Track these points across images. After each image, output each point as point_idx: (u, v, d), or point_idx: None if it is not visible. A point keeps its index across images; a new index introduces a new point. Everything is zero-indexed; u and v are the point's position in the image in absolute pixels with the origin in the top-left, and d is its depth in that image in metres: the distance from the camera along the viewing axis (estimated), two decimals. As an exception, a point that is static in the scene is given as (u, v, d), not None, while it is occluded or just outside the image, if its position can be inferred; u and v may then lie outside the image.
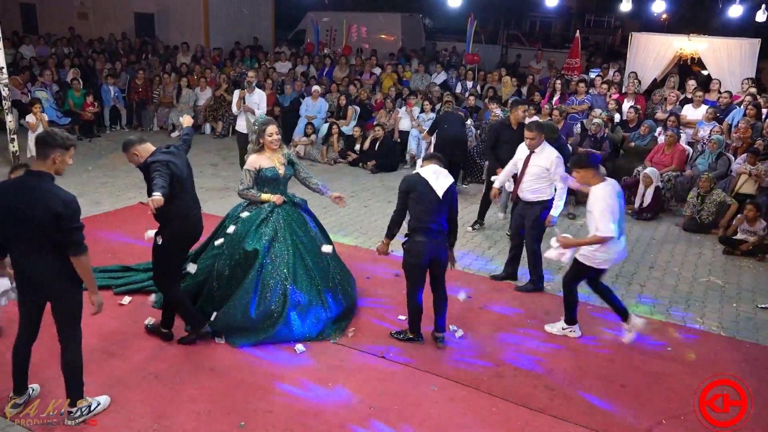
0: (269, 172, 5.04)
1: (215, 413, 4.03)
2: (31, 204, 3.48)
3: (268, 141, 5.03)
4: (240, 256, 4.96)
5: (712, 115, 9.38)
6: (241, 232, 5.01)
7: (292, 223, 5.12)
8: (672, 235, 7.95)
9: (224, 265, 5.02)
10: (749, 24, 14.56)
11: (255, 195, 5.05)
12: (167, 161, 4.33)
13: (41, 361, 4.48)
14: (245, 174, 5.06)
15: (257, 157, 5.06)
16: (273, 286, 4.88)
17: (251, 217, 5.06)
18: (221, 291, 5.00)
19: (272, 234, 4.99)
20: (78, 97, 11.70)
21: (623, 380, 4.63)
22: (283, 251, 4.97)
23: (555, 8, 18.49)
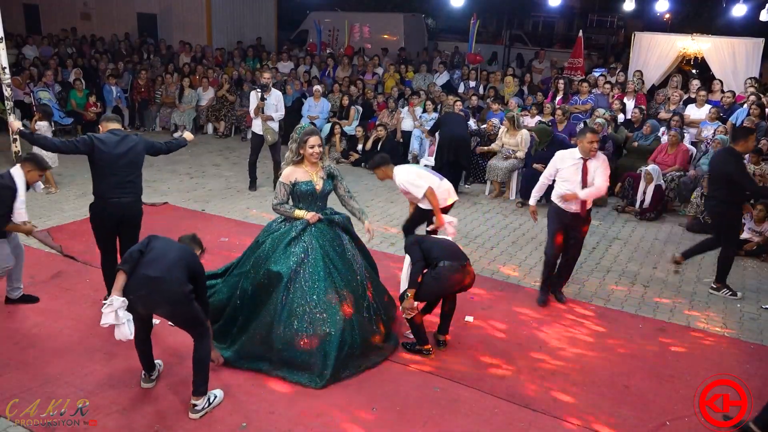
0: (305, 186, 4.66)
1: (217, 414, 4.02)
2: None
3: (309, 153, 4.63)
4: (264, 277, 4.58)
5: (716, 114, 9.35)
6: (269, 250, 4.66)
7: (325, 244, 4.66)
8: (675, 235, 7.92)
9: (248, 284, 4.67)
10: (753, 24, 14.49)
11: (288, 210, 4.69)
12: (95, 136, 4.96)
13: (42, 361, 4.48)
14: (279, 187, 4.68)
15: (293, 170, 4.68)
16: (300, 314, 4.43)
17: (281, 235, 4.69)
18: (245, 312, 4.64)
19: (301, 255, 4.55)
20: (80, 97, 11.72)
21: (627, 381, 4.60)
22: (313, 276, 4.52)
23: (558, 8, 18.41)
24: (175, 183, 9.18)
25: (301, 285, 4.49)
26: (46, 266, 6.04)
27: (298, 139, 4.66)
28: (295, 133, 4.71)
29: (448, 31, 24.99)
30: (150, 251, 3.96)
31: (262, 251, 4.70)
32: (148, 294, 3.84)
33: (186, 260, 3.99)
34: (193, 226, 7.28)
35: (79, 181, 8.95)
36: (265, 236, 4.81)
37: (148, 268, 3.86)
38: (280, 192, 4.69)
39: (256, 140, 8.79)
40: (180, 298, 3.87)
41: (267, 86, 8.63)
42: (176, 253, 4.00)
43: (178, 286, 3.85)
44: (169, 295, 3.86)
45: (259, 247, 4.77)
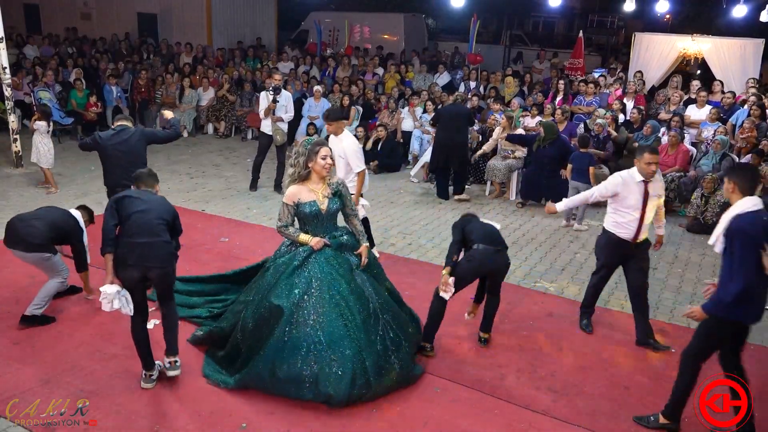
0: (308, 208, 4.28)
1: (217, 414, 4.02)
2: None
3: (321, 165, 4.24)
4: (265, 310, 4.25)
5: (716, 115, 9.34)
6: (271, 280, 4.33)
7: (332, 272, 4.26)
8: (675, 235, 7.92)
9: (250, 315, 4.35)
10: (753, 24, 14.50)
11: (293, 234, 4.32)
12: (98, 133, 5.68)
13: (42, 361, 4.48)
14: (283, 209, 4.31)
15: (298, 188, 4.29)
16: (305, 350, 4.06)
17: (284, 263, 4.34)
18: (246, 344, 4.33)
19: (305, 287, 4.20)
20: (81, 97, 11.71)
21: (627, 382, 4.60)
22: (318, 309, 4.15)
23: (558, 8, 18.42)
24: (175, 183, 9.18)
25: (305, 320, 4.13)
26: (47, 266, 6.04)
27: (306, 150, 4.27)
28: (302, 146, 4.31)
29: (449, 31, 25.00)
30: (128, 218, 4.16)
31: (264, 280, 4.41)
32: (140, 259, 4.08)
33: (162, 214, 4.24)
34: (193, 226, 7.30)
35: (79, 181, 8.95)
36: (271, 262, 4.53)
37: (134, 236, 4.10)
38: (283, 213, 4.31)
39: (265, 141, 8.75)
40: (169, 258, 4.20)
41: (279, 88, 8.61)
42: (154, 211, 4.21)
43: (166, 246, 4.17)
44: (160, 258, 4.13)
45: (265, 273, 4.50)
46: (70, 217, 5.16)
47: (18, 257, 4.97)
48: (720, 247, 3.77)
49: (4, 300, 5.33)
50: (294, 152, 4.35)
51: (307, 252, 4.29)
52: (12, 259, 6.15)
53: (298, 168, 4.30)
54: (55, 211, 5.22)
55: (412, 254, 6.90)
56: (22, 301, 5.30)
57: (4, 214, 7.45)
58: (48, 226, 4.94)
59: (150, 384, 4.26)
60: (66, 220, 5.11)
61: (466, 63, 13.86)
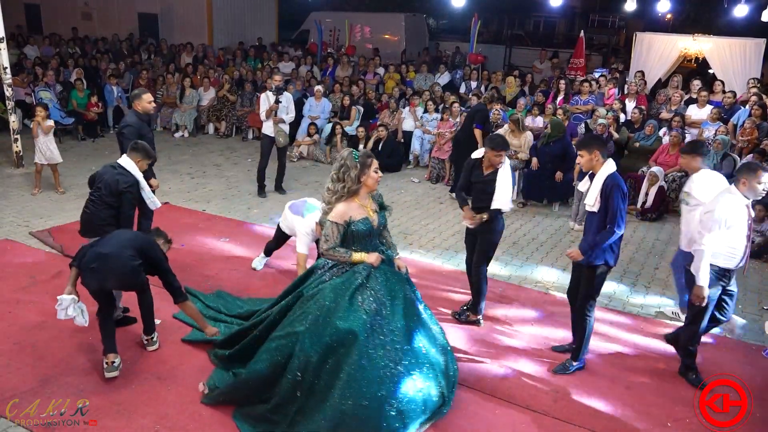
0: (362, 226, 3.96)
1: (218, 414, 4.01)
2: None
3: (374, 179, 3.98)
4: (332, 337, 3.76)
5: (717, 115, 9.33)
6: (331, 304, 3.87)
7: (395, 286, 4.02)
8: (676, 236, 7.85)
9: (310, 347, 3.78)
10: (754, 24, 14.48)
11: (344, 255, 3.94)
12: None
13: (42, 361, 4.48)
14: (331, 229, 3.93)
15: (347, 205, 3.96)
16: (388, 377, 3.71)
17: (343, 284, 3.93)
18: (306, 385, 3.78)
19: (374, 306, 3.87)
20: (82, 97, 11.71)
21: (628, 382, 4.59)
22: (392, 330, 3.85)
23: (559, 8, 18.39)
24: (176, 183, 9.17)
25: (382, 342, 3.78)
26: (47, 266, 6.03)
27: (357, 163, 3.92)
28: (350, 159, 3.94)
29: (449, 31, 25.00)
30: (104, 238, 4.45)
31: (317, 306, 3.90)
32: (98, 268, 4.19)
33: (139, 243, 4.39)
34: (193, 226, 7.31)
35: (80, 181, 8.93)
36: (315, 288, 4.05)
37: (100, 246, 4.31)
38: (332, 234, 3.93)
39: (267, 143, 8.56)
40: (128, 271, 4.26)
41: (282, 89, 8.54)
42: (130, 235, 4.48)
43: (127, 260, 4.24)
44: (117, 269, 4.23)
45: (312, 301, 3.98)
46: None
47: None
48: (597, 206, 4.30)
49: (4, 300, 5.32)
50: (339, 165, 3.97)
51: (367, 270, 3.97)
52: (12, 259, 6.18)
53: (349, 183, 3.93)
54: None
55: (413, 255, 6.89)
56: (22, 302, 5.31)
57: (5, 214, 7.47)
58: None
59: (114, 372, 4.27)
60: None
61: (467, 63, 13.85)
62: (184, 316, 4.97)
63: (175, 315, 5.13)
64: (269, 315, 4.28)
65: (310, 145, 11.06)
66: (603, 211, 4.28)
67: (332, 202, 4.00)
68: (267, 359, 3.95)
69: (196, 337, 4.84)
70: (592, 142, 4.45)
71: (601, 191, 4.28)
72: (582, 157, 4.41)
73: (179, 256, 6.21)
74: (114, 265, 4.22)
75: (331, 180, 4.02)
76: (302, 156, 10.98)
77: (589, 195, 4.38)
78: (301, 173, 10.07)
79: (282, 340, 3.95)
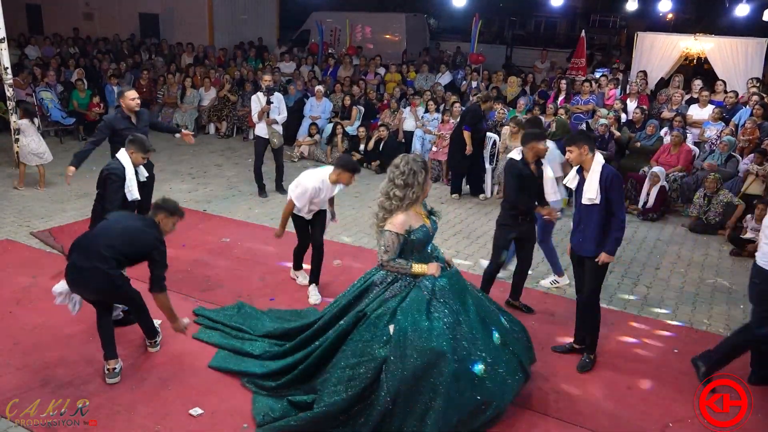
0: (421, 233, 3.84)
1: (218, 415, 4.00)
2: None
3: (430, 184, 3.95)
4: (421, 361, 3.59)
5: (718, 115, 9.31)
6: (409, 326, 3.67)
7: (461, 290, 3.92)
8: (678, 236, 7.89)
9: (400, 376, 3.59)
10: (756, 24, 14.47)
11: (405, 267, 3.82)
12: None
13: (42, 361, 4.48)
14: (391, 239, 3.76)
15: (407, 215, 3.80)
16: (477, 379, 3.71)
17: (415, 302, 3.76)
18: (401, 414, 3.62)
19: (452, 319, 3.75)
20: (83, 97, 11.71)
21: (629, 382, 4.58)
22: (474, 336, 3.79)
23: (560, 8, 18.38)
24: (177, 183, 9.17)
25: (468, 352, 3.73)
26: (47, 266, 6.03)
27: (416, 170, 3.77)
28: (414, 164, 3.78)
29: (450, 31, 24.97)
30: (89, 235, 4.28)
31: (400, 330, 3.67)
32: (74, 280, 4.14)
33: (128, 240, 4.15)
34: (194, 226, 7.30)
35: (80, 181, 8.92)
36: (380, 308, 3.84)
37: (74, 254, 4.13)
38: (392, 245, 3.77)
39: (261, 145, 8.52)
40: (106, 287, 4.11)
41: (273, 89, 8.48)
42: (118, 231, 4.18)
43: (102, 276, 4.04)
44: (92, 284, 4.10)
45: (383, 323, 3.77)
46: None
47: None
48: (599, 198, 4.36)
49: (4, 300, 5.32)
50: (404, 171, 3.78)
51: (431, 282, 3.84)
52: (13, 259, 6.18)
53: (417, 189, 3.78)
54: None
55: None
56: (22, 302, 5.31)
57: (5, 215, 7.47)
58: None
59: (114, 379, 4.24)
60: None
61: (468, 63, 13.84)
62: (203, 335, 4.87)
63: (195, 310, 5.18)
64: (324, 339, 4.04)
65: (311, 145, 11.06)
66: (604, 203, 4.37)
67: (395, 211, 3.80)
68: (344, 390, 3.69)
69: (223, 365, 4.47)
70: (578, 137, 4.53)
71: (600, 183, 4.36)
72: (571, 152, 4.48)
73: (179, 256, 6.21)
74: (89, 280, 4.07)
75: (394, 187, 3.78)
76: (303, 156, 10.98)
77: (589, 189, 4.42)
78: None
79: (359, 368, 3.71)
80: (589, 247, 4.50)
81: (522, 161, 5.14)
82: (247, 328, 4.84)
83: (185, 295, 5.57)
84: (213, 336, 4.84)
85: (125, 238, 4.17)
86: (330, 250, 6.21)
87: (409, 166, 3.78)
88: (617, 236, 4.43)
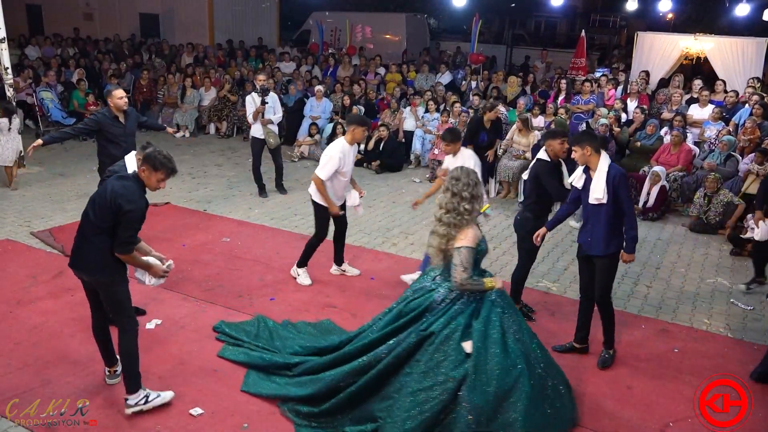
0: (485, 244, 3.84)
1: (219, 415, 4.00)
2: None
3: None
4: (501, 381, 3.54)
5: (719, 114, 9.31)
6: (489, 343, 3.62)
7: (509, 308, 3.87)
8: (678, 235, 7.89)
9: (482, 400, 3.50)
10: (756, 23, 14.48)
11: (479, 283, 3.74)
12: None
13: (42, 361, 4.48)
14: (468, 255, 3.66)
15: (474, 228, 3.76)
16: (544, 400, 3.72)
17: (490, 317, 3.71)
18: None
19: (513, 334, 3.73)
20: (83, 97, 11.72)
21: (630, 382, 4.58)
22: (535, 350, 3.82)
23: (560, 8, 18.39)
24: (177, 183, 9.16)
25: (536, 364, 3.74)
26: (48, 266, 6.03)
27: (477, 182, 3.79)
28: (474, 176, 3.78)
29: (450, 31, 24.99)
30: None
31: (477, 350, 3.59)
32: (72, 261, 3.86)
33: (96, 210, 3.73)
34: (194, 226, 7.30)
35: (80, 181, 8.95)
36: (448, 326, 3.69)
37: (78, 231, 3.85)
38: (469, 261, 3.66)
39: (257, 145, 8.49)
40: (100, 267, 3.76)
41: (267, 89, 8.46)
42: (96, 206, 3.75)
43: (95, 252, 3.74)
44: (85, 264, 3.80)
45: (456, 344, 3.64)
46: None
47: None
48: (607, 197, 4.36)
49: (4, 300, 5.32)
50: (468, 183, 3.75)
51: (496, 294, 3.80)
52: (13, 259, 6.18)
53: (479, 200, 3.79)
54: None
55: (413, 254, 6.88)
56: (22, 302, 5.31)
57: (6, 214, 7.47)
58: None
59: (114, 380, 4.20)
60: None
61: (468, 63, 13.85)
62: (223, 334, 4.79)
63: (215, 327, 4.92)
64: (372, 358, 3.81)
65: (311, 144, 11.06)
66: (611, 202, 4.38)
67: (465, 226, 3.71)
68: (418, 414, 3.52)
69: (255, 390, 4.18)
70: (582, 137, 4.55)
71: (607, 182, 4.37)
72: (576, 152, 4.49)
73: (180, 256, 6.21)
74: (82, 259, 3.80)
75: (462, 200, 3.71)
76: (303, 156, 10.98)
77: (596, 188, 4.42)
78: (303, 173, 10.06)
79: (434, 390, 3.55)
80: (598, 247, 4.53)
81: (550, 161, 5.13)
82: (274, 348, 4.56)
83: (185, 295, 5.57)
84: (239, 354, 4.55)
85: (95, 200, 3.79)
86: (328, 249, 6.22)
87: (472, 178, 3.76)
88: (633, 235, 4.47)
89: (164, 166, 3.78)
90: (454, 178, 3.77)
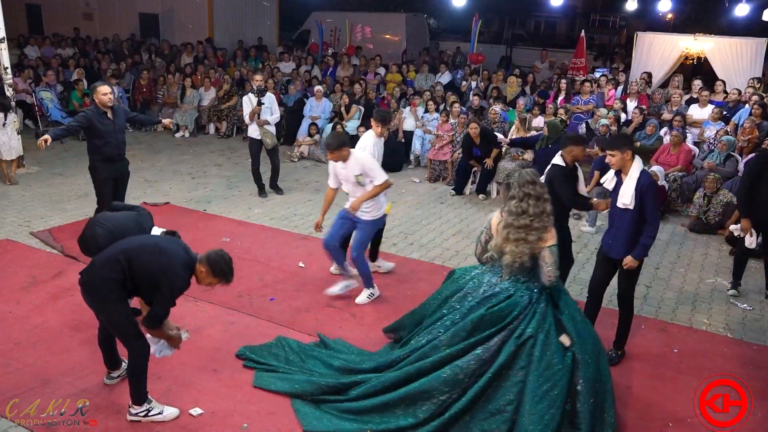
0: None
1: (218, 415, 4.01)
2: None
3: None
4: (599, 360, 3.82)
5: (718, 114, 9.31)
6: (581, 330, 3.85)
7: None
8: (678, 235, 7.89)
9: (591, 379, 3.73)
10: (756, 23, 14.48)
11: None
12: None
13: (42, 361, 4.48)
14: (556, 253, 3.81)
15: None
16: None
17: (569, 304, 3.93)
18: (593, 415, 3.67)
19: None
20: (80, 97, 11.71)
21: (629, 382, 4.58)
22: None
23: (560, 8, 18.39)
24: (177, 183, 9.17)
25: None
26: (48, 266, 6.03)
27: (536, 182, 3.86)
28: (536, 176, 3.88)
29: (450, 31, 24.99)
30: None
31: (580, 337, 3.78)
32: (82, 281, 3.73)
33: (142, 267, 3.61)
34: (194, 226, 7.30)
35: (80, 180, 8.93)
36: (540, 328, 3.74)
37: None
38: (557, 259, 3.83)
39: (255, 146, 8.47)
40: (95, 285, 3.63)
41: (264, 90, 8.44)
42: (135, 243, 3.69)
43: (99, 271, 3.61)
44: (89, 284, 3.67)
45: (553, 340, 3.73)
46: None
47: None
48: (634, 204, 4.37)
49: (4, 300, 5.32)
50: (543, 185, 3.88)
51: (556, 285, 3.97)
52: (13, 259, 6.18)
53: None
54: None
55: (413, 254, 6.88)
56: (22, 302, 5.31)
57: (5, 214, 7.47)
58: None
59: (111, 381, 4.21)
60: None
61: (468, 63, 13.85)
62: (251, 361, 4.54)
63: (238, 354, 4.64)
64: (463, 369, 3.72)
65: (311, 145, 11.05)
66: (638, 209, 4.39)
67: (549, 226, 3.79)
68: (551, 423, 3.54)
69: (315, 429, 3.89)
70: (620, 142, 4.48)
71: (636, 189, 4.36)
72: (613, 156, 4.42)
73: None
74: (89, 280, 3.67)
75: (545, 203, 3.80)
76: (303, 156, 10.98)
77: (624, 193, 4.42)
78: (302, 173, 10.06)
79: (553, 390, 3.59)
80: (619, 250, 4.58)
81: (565, 166, 5.12)
82: (310, 368, 4.38)
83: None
84: (275, 382, 4.27)
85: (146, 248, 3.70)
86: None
87: (542, 181, 3.92)
88: (645, 243, 4.47)
89: (224, 275, 3.82)
90: (530, 183, 3.79)
